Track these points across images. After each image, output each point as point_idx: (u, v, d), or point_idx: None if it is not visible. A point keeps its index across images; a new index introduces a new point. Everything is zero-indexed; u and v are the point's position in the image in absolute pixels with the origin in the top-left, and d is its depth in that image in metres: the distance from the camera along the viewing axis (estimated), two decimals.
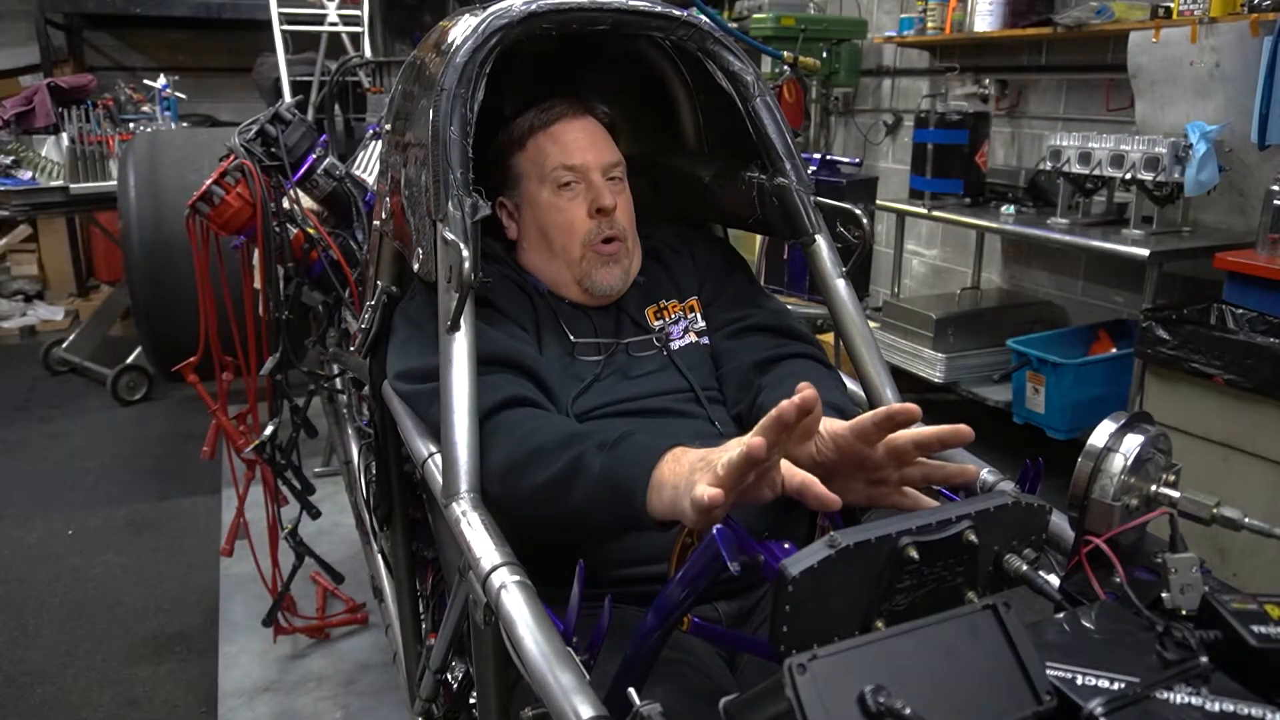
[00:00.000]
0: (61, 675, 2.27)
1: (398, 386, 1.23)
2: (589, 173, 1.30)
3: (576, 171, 1.30)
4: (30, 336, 5.19)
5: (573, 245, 1.30)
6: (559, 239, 1.31)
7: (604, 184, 1.31)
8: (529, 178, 1.33)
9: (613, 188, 1.32)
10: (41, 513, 3.10)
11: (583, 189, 1.31)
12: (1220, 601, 0.73)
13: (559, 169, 1.30)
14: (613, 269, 1.31)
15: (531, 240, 1.34)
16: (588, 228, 1.30)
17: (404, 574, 1.58)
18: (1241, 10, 2.83)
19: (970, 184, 3.66)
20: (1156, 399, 2.65)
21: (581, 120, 1.34)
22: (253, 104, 4.41)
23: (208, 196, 1.84)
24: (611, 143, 1.36)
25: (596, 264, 1.30)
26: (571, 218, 1.30)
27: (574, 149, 1.31)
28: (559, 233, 1.31)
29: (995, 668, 0.66)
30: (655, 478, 0.91)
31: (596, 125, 1.35)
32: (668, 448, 0.92)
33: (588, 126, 1.34)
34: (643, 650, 0.82)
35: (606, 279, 1.31)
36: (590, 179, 1.30)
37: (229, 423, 2.17)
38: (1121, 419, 0.81)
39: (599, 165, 1.31)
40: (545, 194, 1.31)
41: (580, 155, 1.30)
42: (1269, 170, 2.80)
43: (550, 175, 1.30)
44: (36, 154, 4.13)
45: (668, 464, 0.91)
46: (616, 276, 1.31)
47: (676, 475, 0.89)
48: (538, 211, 1.32)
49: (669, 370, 1.30)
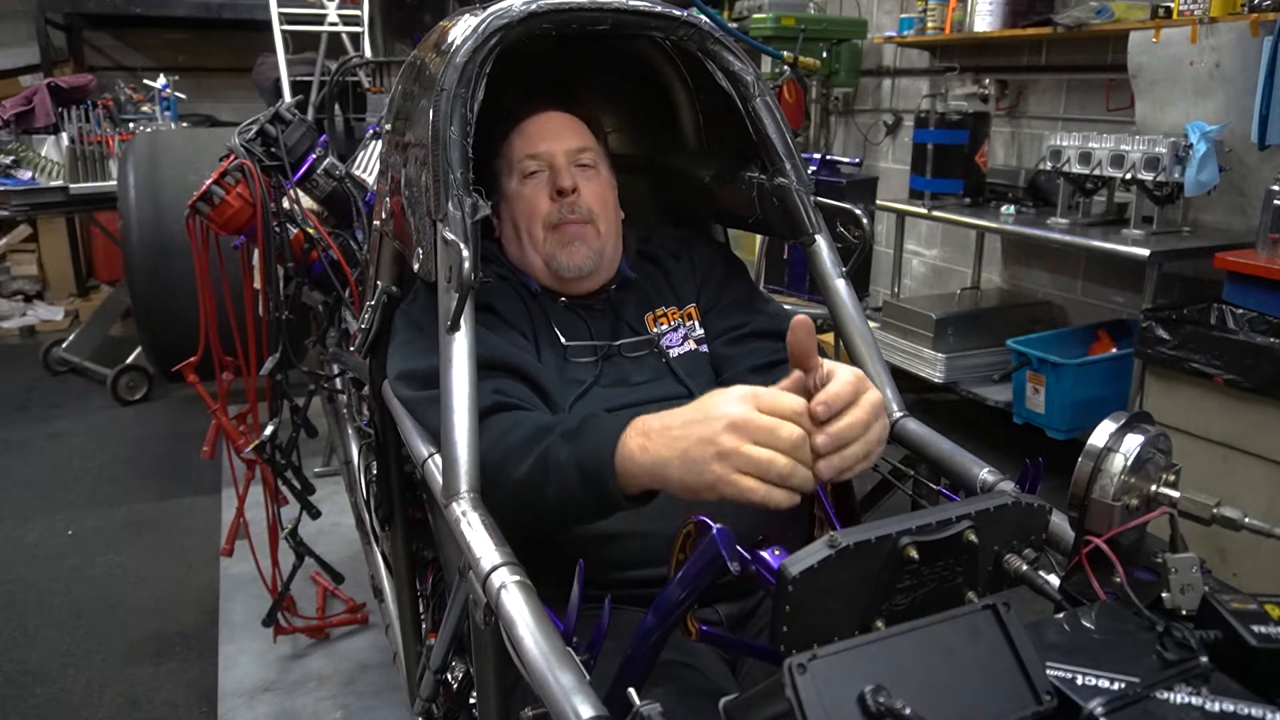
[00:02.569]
0: (61, 675, 2.27)
1: (399, 390, 1.23)
2: (552, 158, 1.31)
3: (540, 159, 1.31)
4: (30, 336, 5.19)
5: (536, 229, 1.31)
6: (525, 225, 1.32)
7: (567, 167, 1.31)
8: (503, 174, 1.35)
9: (580, 173, 1.32)
10: (41, 513, 3.10)
11: (546, 175, 1.32)
12: (1220, 601, 0.73)
13: (524, 159, 1.32)
14: (578, 248, 1.30)
15: (508, 233, 1.36)
16: (549, 209, 1.30)
17: (404, 574, 1.58)
18: (1241, 10, 2.83)
19: (970, 184, 3.66)
20: (1156, 399, 2.65)
21: (550, 113, 1.35)
22: (253, 104, 4.40)
23: (208, 196, 1.84)
24: (582, 129, 1.36)
25: (558, 244, 1.30)
26: (534, 203, 1.31)
27: (538, 138, 1.32)
28: (525, 218, 1.32)
29: (995, 668, 0.66)
30: (620, 453, 0.92)
31: (565, 115, 1.36)
32: (627, 422, 0.93)
33: (555, 117, 1.35)
34: (643, 650, 0.82)
35: (571, 258, 1.30)
36: (554, 163, 1.31)
37: (229, 423, 2.17)
38: (1121, 419, 0.81)
39: (563, 150, 1.32)
40: (513, 184, 1.33)
41: (545, 143, 1.32)
42: (1269, 170, 2.80)
43: (517, 166, 1.32)
44: (36, 154, 4.13)
45: (632, 438, 0.92)
46: (583, 256, 1.30)
47: (650, 446, 0.90)
48: (511, 204, 1.34)
49: (668, 378, 1.30)
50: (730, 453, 0.84)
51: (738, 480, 0.83)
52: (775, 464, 0.82)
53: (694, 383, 1.29)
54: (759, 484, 0.83)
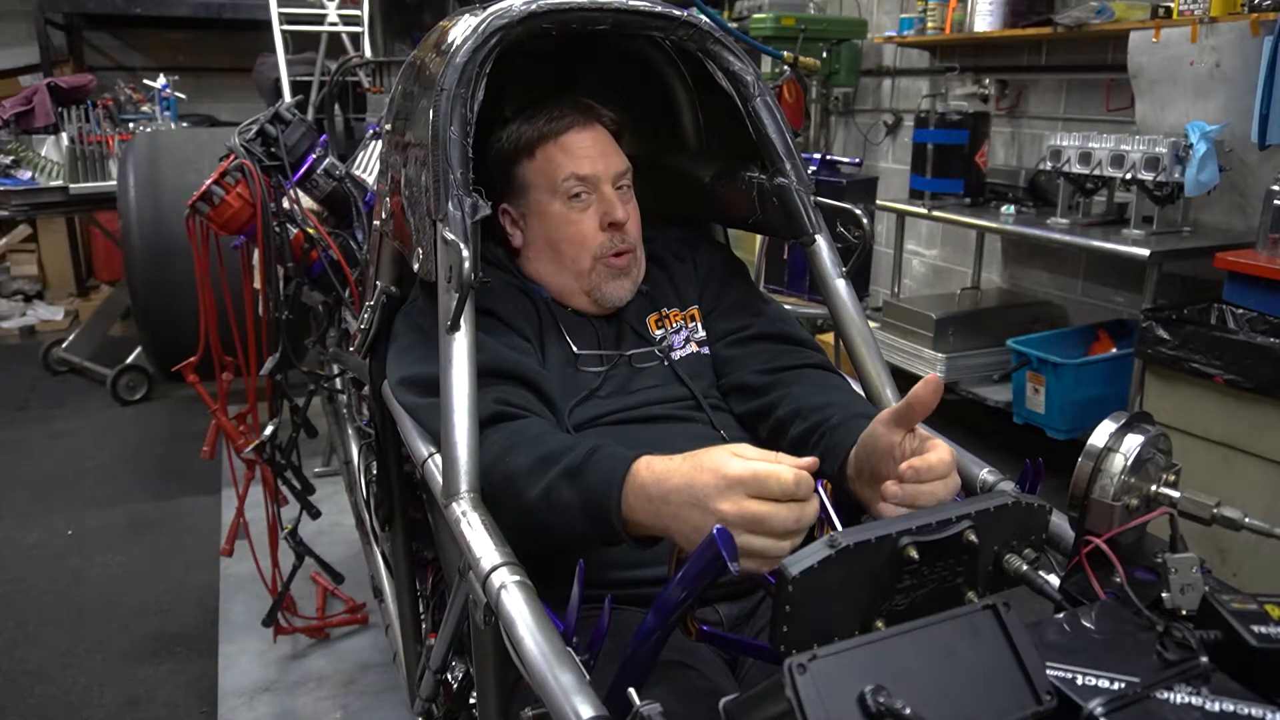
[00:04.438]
0: (61, 675, 2.27)
1: (400, 395, 1.22)
2: (600, 184, 1.29)
3: (588, 183, 1.29)
4: (30, 336, 5.19)
5: (583, 258, 1.29)
6: (569, 251, 1.30)
7: (615, 195, 1.30)
8: (537, 188, 1.31)
9: (622, 197, 1.31)
10: (41, 513, 3.10)
11: (594, 200, 1.29)
12: (1220, 601, 0.73)
13: (570, 179, 1.29)
14: (623, 281, 1.31)
15: (538, 250, 1.33)
16: (599, 240, 1.29)
17: (404, 574, 1.58)
18: (1241, 10, 2.83)
19: (970, 184, 3.66)
20: (1156, 399, 2.65)
21: (591, 130, 1.32)
22: (253, 104, 4.40)
23: (208, 196, 1.84)
24: (620, 151, 1.35)
25: (607, 277, 1.30)
26: (583, 230, 1.29)
27: (585, 159, 1.29)
28: (570, 245, 1.29)
29: (995, 668, 0.66)
30: (626, 506, 0.92)
31: (605, 134, 1.34)
32: (632, 461, 0.92)
33: (597, 136, 1.33)
34: (643, 650, 0.82)
35: (616, 291, 1.30)
36: (601, 190, 1.29)
37: (229, 423, 2.17)
38: (1121, 419, 0.81)
39: (609, 175, 1.30)
40: (556, 205, 1.30)
41: (591, 166, 1.29)
42: (1269, 170, 2.80)
43: (561, 186, 1.29)
44: (36, 154, 4.12)
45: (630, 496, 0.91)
46: (626, 289, 1.31)
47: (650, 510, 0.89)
48: (547, 223, 1.31)
49: (671, 381, 1.30)
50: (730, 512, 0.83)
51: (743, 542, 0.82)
52: (769, 551, 0.81)
53: (696, 384, 1.29)
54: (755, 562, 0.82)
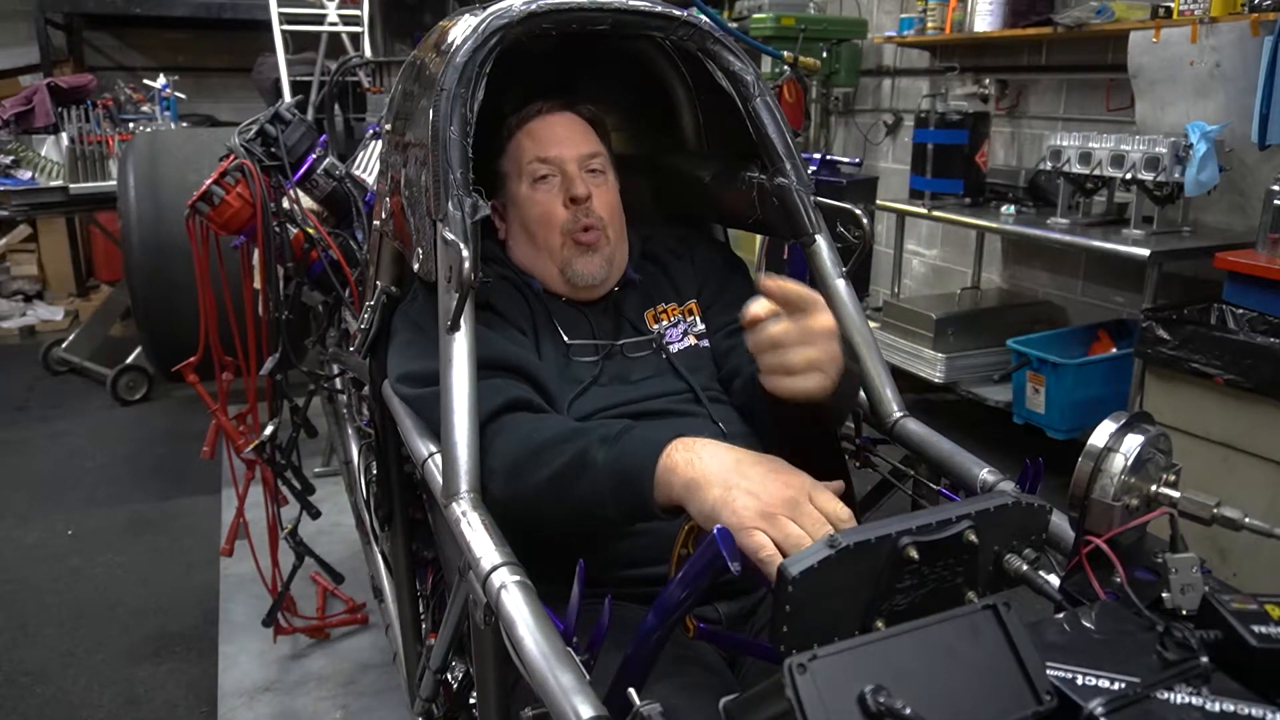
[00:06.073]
0: (61, 675, 2.26)
1: (400, 390, 1.23)
2: (564, 164, 1.31)
3: (551, 164, 1.31)
4: (30, 336, 5.19)
5: (552, 236, 1.30)
6: (540, 232, 1.31)
7: (579, 174, 1.31)
8: (510, 176, 1.34)
9: (591, 179, 1.32)
10: (41, 513, 3.10)
11: (559, 180, 1.31)
12: (1220, 601, 0.73)
13: (534, 162, 1.31)
14: (593, 258, 1.31)
15: (517, 237, 1.35)
16: (564, 217, 1.30)
17: (404, 574, 1.58)
18: (1241, 10, 2.83)
19: (970, 184, 3.66)
20: (1156, 399, 2.65)
21: (559, 115, 1.35)
22: (253, 104, 4.41)
23: (208, 196, 1.84)
24: (590, 134, 1.36)
25: (576, 253, 1.30)
26: (549, 209, 1.31)
27: (548, 142, 1.32)
28: (539, 226, 1.31)
29: (995, 668, 0.66)
30: (662, 465, 0.93)
31: (575, 118, 1.36)
32: (670, 439, 0.95)
33: (565, 120, 1.35)
34: (643, 650, 0.82)
35: (587, 268, 1.31)
36: (565, 169, 1.31)
37: (229, 423, 2.17)
38: (1121, 419, 0.81)
39: (574, 156, 1.32)
40: (524, 189, 1.32)
41: (556, 148, 1.31)
42: (1269, 170, 2.80)
43: (527, 169, 1.32)
44: (36, 154, 4.12)
45: (677, 452, 0.93)
46: (598, 265, 1.31)
47: (691, 467, 0.91)
48: (519, 208, 1.33)
49: (668, 373, 1.30)
50: (774, 517, 0.83)
51: (760, 541, 0.82)
52: (803, 542, 0.81)
53: (695, 378, 1.29)
54: (775, 554, 0.82)
